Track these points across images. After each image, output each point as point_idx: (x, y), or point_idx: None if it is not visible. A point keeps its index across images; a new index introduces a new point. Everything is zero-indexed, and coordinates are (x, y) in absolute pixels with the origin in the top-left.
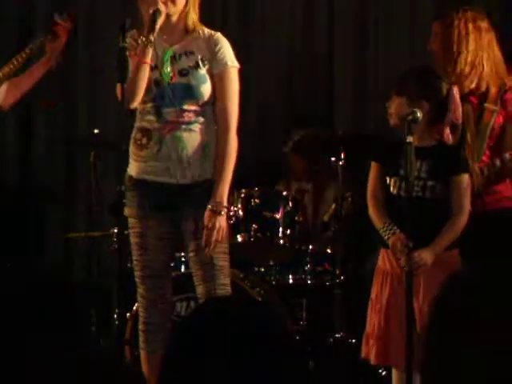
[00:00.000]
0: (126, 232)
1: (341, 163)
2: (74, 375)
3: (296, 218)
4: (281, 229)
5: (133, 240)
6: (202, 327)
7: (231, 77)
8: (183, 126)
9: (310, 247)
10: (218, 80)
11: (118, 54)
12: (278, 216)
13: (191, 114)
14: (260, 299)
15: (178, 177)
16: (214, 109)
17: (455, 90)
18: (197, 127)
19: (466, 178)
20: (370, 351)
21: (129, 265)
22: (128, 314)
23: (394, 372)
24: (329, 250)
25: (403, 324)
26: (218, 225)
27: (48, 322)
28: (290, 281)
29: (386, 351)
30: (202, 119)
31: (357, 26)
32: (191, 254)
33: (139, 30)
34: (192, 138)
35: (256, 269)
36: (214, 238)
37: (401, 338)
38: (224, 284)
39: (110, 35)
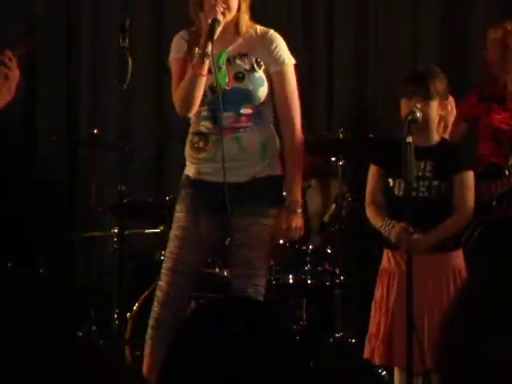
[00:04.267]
0: (126, 232)
1: (341, 163)
2: (74, 375)
3: None
4: None
5: (173, 232)
6: (202, 328)
7: (289, 74)
8: (241, 130)
9: (310, 247)
10: (277, 79)
11: (118, 54)
12: None
13: (248, 118)
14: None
15: (236, 176)
16: (272, 107)
17: None
18: (254, 127)
19: (468, 175)
20: (373, 352)
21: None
22: (128, 314)
23: (397, 372)
24: (329, 250)
25: None
26: (294, 224)
27: (48, 322)
28: (290, 281)
29: (391, 352)
30: (258, 120)
31: (357, 26)
32: (234, 248)
33: (189, 31)
34: (250, 137)
35: None
36: (291, 239)
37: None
38: (256, 284)
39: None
